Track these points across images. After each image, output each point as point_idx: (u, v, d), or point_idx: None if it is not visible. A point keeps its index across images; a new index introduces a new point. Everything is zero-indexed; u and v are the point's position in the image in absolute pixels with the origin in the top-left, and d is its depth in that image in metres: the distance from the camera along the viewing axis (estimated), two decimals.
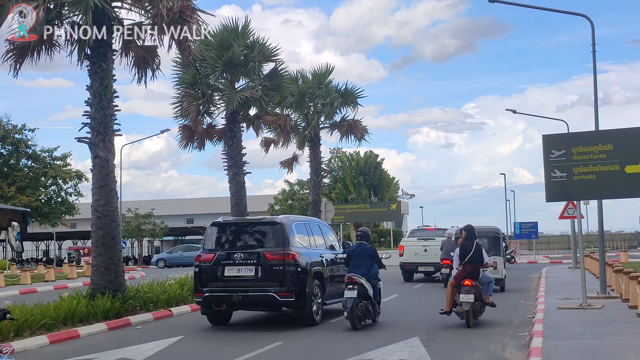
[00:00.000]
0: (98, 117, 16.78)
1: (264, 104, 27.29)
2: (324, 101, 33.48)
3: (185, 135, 27.73)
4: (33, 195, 36.70)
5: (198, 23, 17.71)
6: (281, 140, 32.15)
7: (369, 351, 10.82)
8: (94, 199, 16.86)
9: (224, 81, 26.95)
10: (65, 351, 11.97)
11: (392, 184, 69.74)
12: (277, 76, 27.56)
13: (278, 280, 14.49)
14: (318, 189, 34.34)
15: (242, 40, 26.23)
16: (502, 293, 21.02)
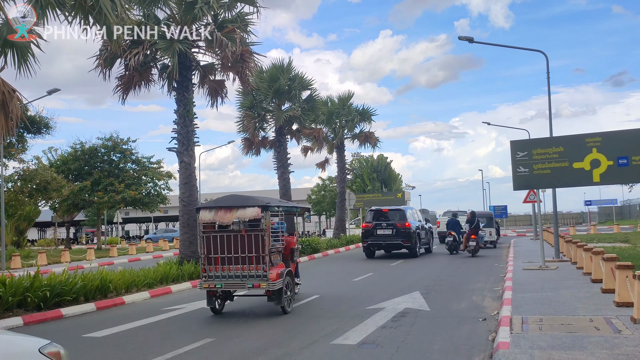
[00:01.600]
0: (183, 132, 16.92)
1: (302, 121, 27.46)
2: (347, 118, 33.49)
3: (246, 145, 28.00)
4: (137, 190, 37.05)
5: (254, 62, 17.76)
6: (316, 147, 32.31)
7: (383, 302, 10.77)
8: (180, 192, 17.01)
9: (273, 105, 27.09)
10: (162, 302, 12.08)
11: (397, 179, 69.31)
12: (312, 100, 27.66)
13: (402, 236, 22.18)
14: (343, 183, 34.43)
15: (286, 74, 26.35)
16: (481, 258, 20.87)
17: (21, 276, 11.00)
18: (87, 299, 11.76)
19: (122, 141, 37.94)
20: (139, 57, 15.53)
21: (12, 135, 13.22)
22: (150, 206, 38.79)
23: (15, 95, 10.94)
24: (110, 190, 35.93)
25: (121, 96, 17.02)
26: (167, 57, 16.17)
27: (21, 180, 29.69)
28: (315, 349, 7.18)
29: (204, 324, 9.33)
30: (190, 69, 17.02)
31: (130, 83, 16.83)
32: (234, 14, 17.05)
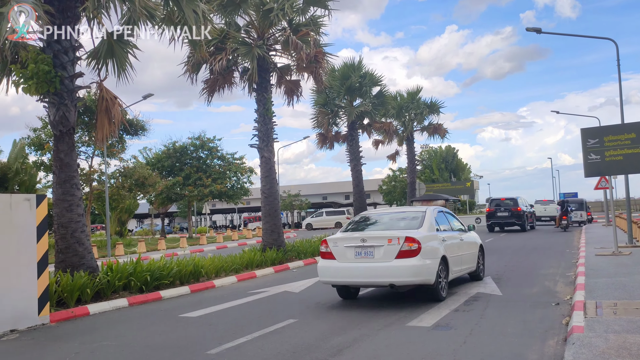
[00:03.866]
0: (263, 130, 17.23)
1: (373, 116, 27.29)
2: (416, 111, 33.01)
3: (320, 140, 28.15)
4: (222, 184, 38.15)
5: (327, 62, 17.81)
6: (386, 140, 32.00)
7: (455, 287, 10.57)
8: (262, 184, 17.35)
9: (345, 101, 27.06)
10: (247, 286, 12.39)
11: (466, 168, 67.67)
12: (382, 96, 27.41)
13: (515, 217, 29.51)
14: (413, 174, 34.02)
15: (357, 72, 26.24)
16: (553, 245, 20.06)
17: (125, 262, 11.60)
18: (182, 283, 12.25)
19: (209, 140, 39.18)
20: (222, 62, 15.94)
21: (114, 137, 13.93)
22: (234, 198, 39.87)
23: (116, 102, 11.51)
24: (199, 185, 37.19)
25: (207, 98, 17.54)
26: (247, 61, 16.49)
27: (122, 176, 31.22)
28: (391, 330, 7.16)
29: (287, 306, 9.49)
30: (268, 71, 17.28)
31: (215, 86, 17.31)
32: (307, 17, 17.15)
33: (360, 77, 26.23)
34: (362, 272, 8.84)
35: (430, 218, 9.68)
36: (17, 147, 33.91)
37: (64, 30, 10.42)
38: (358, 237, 9.02)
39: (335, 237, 9.29)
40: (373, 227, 9.90)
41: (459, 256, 10.08)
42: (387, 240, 8.71)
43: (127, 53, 11.89)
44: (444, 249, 9.29)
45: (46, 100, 10.63)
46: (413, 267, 8.54)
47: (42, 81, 10.02)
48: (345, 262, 8.98)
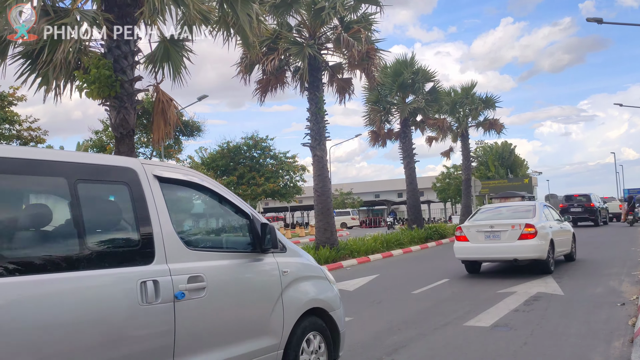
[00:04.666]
0: (315, 128, 17.32)
1: (426, 112, 26.99)
2: (470, 107, 32.33)
3: (372, 137, 28.05)
4: (275, 183, 38.64)
5: (379, 59, 17.74)
6: (440, 137, 31.60)
7: (514, 286, 10.33)
8: (314, 183, 17.44)
9: (398, 98, 26.86)
10: None
11: (523, 164, 65.78)
12: (435, 92, 27.04)
13: (589, 212, 29.80)
14: (468, 171, 33.40)
15: (410, 68, 25.97)
16: (618, 242, 19.25)
17: None
18: None
19: (262, 139, 39.74)
20: (274, 62, 16.14)
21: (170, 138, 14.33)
22: (287, 197, 40.28)
23: (172, 104, 11.82)
24: (252, 184, 37.77)
25: (260, 98, 17.81)
26: (298, 61, 16.63)
27: None
28: (447, 330, 7.07)
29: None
30: (320, 70, 17.36)
31: (267, 86, 17.54)
32: (358, 15, 17.13)
33: (412, 74, 25.94)
34: (491, 250, 11.80)
35: (539, 210, 12.44)
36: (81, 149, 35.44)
37: (123, 35, 10.79)
38: (487, 224, 11.94)
39: (467, 225, 12.32)
40: (495, 217, 12.64)
41: (560, 240, 12.63)
42: (511, 226, 11.53)
43: (182, 56, 12.22)
44: (551, 233, 11.92)
45: (107, 103, 11.03)
46: (531, 246, 11.32)
47: (103, 85, 10.40)
48: (477, 243, 11.91)
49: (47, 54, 9.16)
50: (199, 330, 3.72)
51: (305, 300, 4.71)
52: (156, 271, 3.54)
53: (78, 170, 3.40)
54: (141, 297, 3.39)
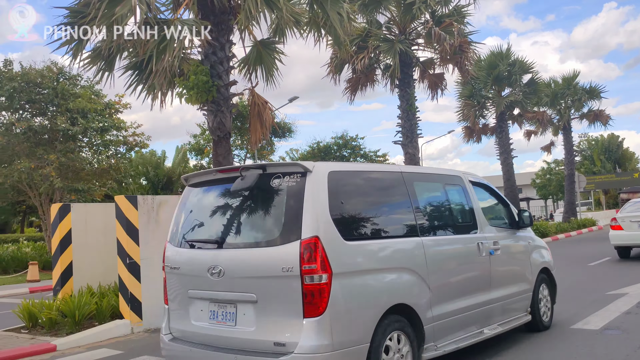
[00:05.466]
0: (406, 126, 17.26)
1: (524, 105, 26.04)
2: (573, 98, 30.78)
3: (466, 133, 27.48)
4: None
5: (472, 52, 17.36)
6: (539, 130, 30.35)
7: (624, 287, 9.74)
8: None
9: (493, 91, 26.10)
10: None
11: (632, 158, 61.42)
12: (533, 83, 26.04)
13: None
14: (571, 165, 31.80)
15: (505, 60, 25.17)
16: None
17: None
18: None
19: (352, 138, 39.99)
20: (364, 61, 16.26)
21: (266, 139, 14.83)
22: None
23: (267, 106, 12.26)
24: None
25: (349, 97, 18.01)
26: (389, 58, 16.64)
27: None
28: (553, 332, 6.82)
29: None
30: (410, 66, 17.26)
31: (357, 84, 17.70)
32: (450, 8, 16.88)
33: (508, 65, 25.11)
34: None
35: None
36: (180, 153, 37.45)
37: (219, 42, 11.33)
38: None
39: (621, 215, 14.06)
40: None
41: None
42: None
43: (274, 59, 12.64)
44: None
45: (205, 108, 11.62)
46: None
47: (201, 91, 10.97)
48: (631, 232, 13.62)
49: (154, 63, 9.79)
50: (499, 273, 6.11)
51: (540, 261, 7.07)
52: (480, 237, 5.96)
53: (445, 179, 6.06)
54: (478, 251, 5.84)
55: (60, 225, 9.49)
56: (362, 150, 40.29)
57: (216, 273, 4.55)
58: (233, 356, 4.34)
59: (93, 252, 9.67)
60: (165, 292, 5.19)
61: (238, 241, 4.72)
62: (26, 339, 7.96)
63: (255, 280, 4.37)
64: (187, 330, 4.86)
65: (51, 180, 20.06)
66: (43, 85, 21.15)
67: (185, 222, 5.28)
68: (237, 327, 4.43)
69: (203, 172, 5.30)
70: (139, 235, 8.45)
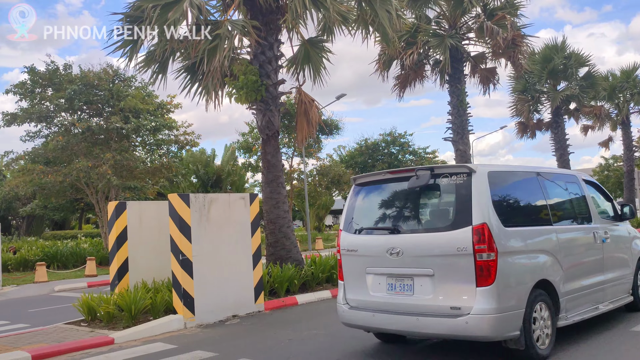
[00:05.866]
0: (457, 122, 17.04)
1: (581, 99, 25.24)
2: (632, 91, 29.57)
3: (519, 129, 26.87)
4: None
5: (526, 45, 16.96)
6: (597, 125, 29.30)
7: None
8: None
9: (548, 85, 25.40)
10: None
11: None
12: (590, 77, 25.20)
13: None
14: (630, 162, 30.62)
15: (561, 53, 24.46)
16: None
17: (327, 256, 12.38)
18: None
19: (400, 135, 39.70)
20: (413, 57, 16.13)
21: (312, 138, 14.93)
22: None
23: (314, 104, 12.34)
24: None
25: (398, 94, 17.92)
26: (438, 53, 16.45)
27: (319, 175, 33.16)
28: (613, 335, 6.61)
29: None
30: (461, 61, 17.01)
31: (406, 81, 17.58)
32: (502, 0, 16.50)
33: (564, 59, 24.37)
34: None
35: None
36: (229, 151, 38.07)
37: (268, 41, 11.49)
38: None
39: None
40: None
41: None
42: None
43: (322, 57, 12.71)
44: None
45: (254, 107, 11.82)
46: None
47: (250, 90, 11.17)
48: None
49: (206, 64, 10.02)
50: (609, 259, 7.03)
51: (638, 250, 7.85)
52: (594, 227, 6.93)
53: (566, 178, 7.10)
54: (594, 239, 6.82)
55: (117, 222, 9.85)
56: (411, 147, 39.96)
57: (395, 253, 5.72)
58: (415, 318, 5.51)
59: (147, 249, 10.00)
60: (340, 271, 6.40)
61: (415, 227, 5.94)
62: (86, 332, 8.32)
63: (431, 258, 5.49)
64: (365, 300, 6.02)
65: (107, 178, 20.79)
66: (100, 87, 21.95)
67: (358, 214, 6.44)
68: (414, 296, 5.59)
69: (373, 174, 6.49)
70: (191, 232, 8.68)
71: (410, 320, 5.55)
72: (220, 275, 9.00)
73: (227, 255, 9.17)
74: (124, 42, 10.62)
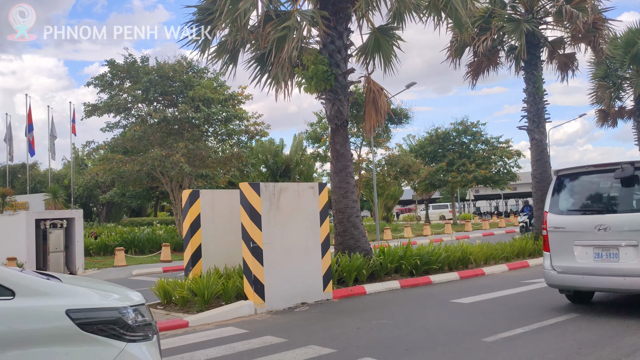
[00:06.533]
0: (532, 110, 16.42)
1: None
2: None
3: (600, 117, 25.52)
4: (487, 169, 37.43)
5: (607, 29, 16.08)
6: None
7: None
8: (532, 169, 16.55)
9: (631, 71, 23.90)
10: (520, 275, 12.03)
11: None
12: None
13: None
14: None
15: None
16: None
17: (395, 246, 12.33)
18: (450, 269, 12.50)
19: (472, 124, 38.77)
20: (486, 43, 15.65)
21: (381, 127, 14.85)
22: (499, 184, 38.76)
23: (382, 93, 12.26)
24: (462, 170, 37.09)
25: (471, 82, 17.44)
26: (514, 39, 15.88)
27: (387, 165, 32.94)
28: None
29: (566, 298, 8.95)
30: (537, 47, 16.35)
31: (479, 68, 17.10)
32: None
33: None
34: None
35: None
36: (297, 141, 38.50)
37: (337, 30, 11.49)
38: None
39: None
40: None
41: None
42: None
43: (392, 45, 12.59)
44: None
45: (323, 97, 11.88)
46: None
47: (320, 80, 11.22)
48: None
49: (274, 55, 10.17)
50: None
51: None
52: None
53: None
54: None
55: (191, 210, 10.20)
56: (483, 137, 38.94)
57: (602, 229, 7.18)
58: (622, 278, 6.98)
59: (219, 236, 10.31)
60: (546, 244, 7.90)
61: (620, 208, 7.42)
62: (162, 314, 8.70)
63: (635, 232, 6.93)
64: (571, 266, 7.51)
65: (180, 166, 21.55)
66: (174, 79, 22.73)
67: (564, 199, 7.98)
68: (619, 262, 7.02)
69: (577, 167, 8.02)
70: (262, 220, 8.87)
71: (618, 280, 7.01)
72: (289, 262, 9.16)
73: (296, 244, 9.32)
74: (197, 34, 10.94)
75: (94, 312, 2.99)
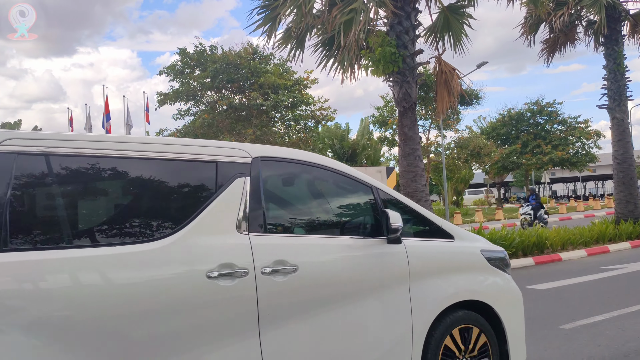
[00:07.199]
0: (613, 88, 15.67)
1: None
2: None
3: None
4: (564, 150, 36.02)
5: None
6: None
7: None
8: (613, 149, 15.81)
9: None
10: (599, 261, 11.61)
11: None
12: None
13: None
14: None
15: None
16: None
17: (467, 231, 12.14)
18: (525, 254, 12.20)
19: (548, 104, 37.36)
20: (563, 18, 15.02)
21: (453, 108, 14.59)
22: (578, 166, 37.24)
23: (455, 73, 12.02)
24: (537, 152, 35.90)
25: (546, 59, 16.83)
26: (592, 13, 15.13)
27: (457, 147, 32.34)
28: None
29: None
30: (618, 21, 15.53)
31: (555, 45, 16.47)
32: None
33: None
34: None
35: None
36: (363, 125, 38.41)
37: (405, 11, 11.35)
38: None
39: None
40: None
41: None
42: None
43: (463, 24, 12.29)
44: None
45: (390, 79, 11.78)
46: None
47: (387, 62, 11.13)
48: None
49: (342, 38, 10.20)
50: None
51: None
52: None
53: None
54: None
55: None
56: (560, 117, 37.45)
57: None
58: None
59: None
60: None
61: None
62: None
63: None
64: None
65: None
66: (240, 66, 23.21)
67: None
68: None
69: None
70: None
71: None
72: None
73: None
74: (263, 19, 11.11)
75: (492, 252, 4.23)
